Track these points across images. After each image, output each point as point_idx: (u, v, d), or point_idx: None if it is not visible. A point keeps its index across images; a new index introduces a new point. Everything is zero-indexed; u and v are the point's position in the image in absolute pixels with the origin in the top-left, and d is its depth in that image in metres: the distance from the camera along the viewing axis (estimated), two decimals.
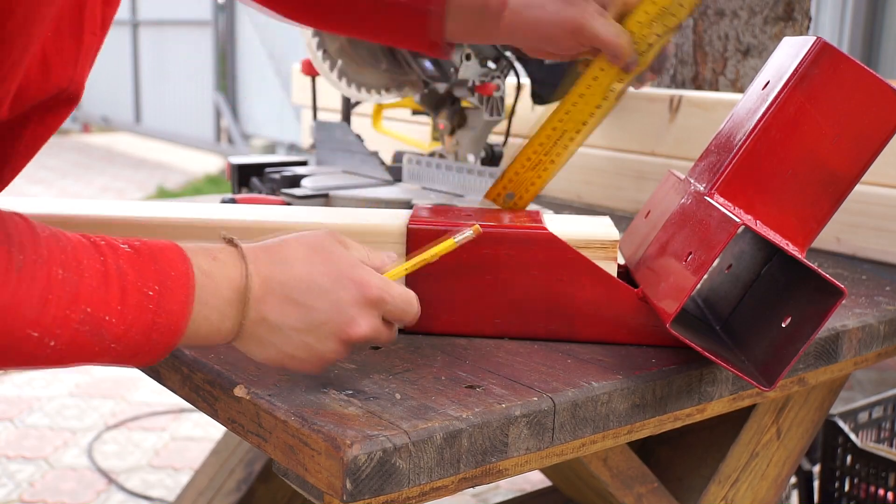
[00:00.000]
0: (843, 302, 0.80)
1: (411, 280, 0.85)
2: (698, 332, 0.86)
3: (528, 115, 1.73)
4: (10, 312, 0.58)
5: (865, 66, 0.83)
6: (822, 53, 0.84)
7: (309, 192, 1.31)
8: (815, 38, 0.85)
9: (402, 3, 1.01)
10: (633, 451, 1.04)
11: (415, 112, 1.68)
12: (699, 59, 1.68)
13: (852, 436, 1.64)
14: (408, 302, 0.73)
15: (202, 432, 2.70)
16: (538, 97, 1.58)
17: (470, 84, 1.39)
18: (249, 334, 0.69)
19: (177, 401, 2.86)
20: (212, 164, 7.69)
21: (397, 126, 1.91)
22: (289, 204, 1.28)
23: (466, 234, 0.77)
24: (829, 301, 0.76)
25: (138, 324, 0.63)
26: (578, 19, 0.94)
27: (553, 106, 1.01)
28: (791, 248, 0.81)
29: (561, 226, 0.92)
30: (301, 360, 0.71)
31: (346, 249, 0.73)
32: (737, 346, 0.86)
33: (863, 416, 1.77)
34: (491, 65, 1.39)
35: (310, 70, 1.63)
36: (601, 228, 0.93)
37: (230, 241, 0.71)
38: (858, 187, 0.85)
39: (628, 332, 0.88)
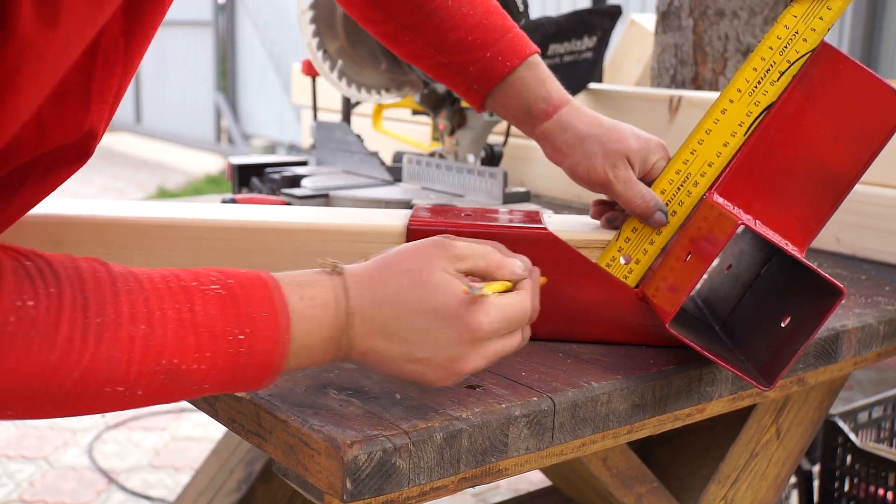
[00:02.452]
0: (843, 302, 0.80)
1: None
2: (698, 332, 0.86)
3: None
4: (91, 377, 0.59)
5: (865, 67, 0.84)
6: (821, 53, 0.84)
7: (309, 192, 1.31)
8: None
9: (454, 64, 0.99)
10: (633, 451, 1.04)
11: (415, 112, 1.68)
12: (699, 59, 1.68)
13: (852, 436, 1.64)
14: (515, 313, 0.71)
15: (202, 432, 2.71)
16: None
17: None
18: (358, 360, 0.70)
19: None
20: (212, 164, 7.68)
21: (397, 126, 1.91)
22: (289, 204, 1.29)
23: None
24: (829, 301, 0.76)
25: (230, 368, 0.64)
26: (609, 178, 0.90)
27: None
28: (790, 248, 0.82)
29: (561, 226, 0.92)
30: (423, 375, 0.70)
31: (452, 278, 0.69)
32: (736, 346, 0.86)
33: (863, 416, 1.77)
34: None
35: (310, 70, 1.63)
36: (601, 228, 0.93)
37: (335, 269, 0.70)
38: (858, 187, 0.85)
39: (628, 332, 0.88)
